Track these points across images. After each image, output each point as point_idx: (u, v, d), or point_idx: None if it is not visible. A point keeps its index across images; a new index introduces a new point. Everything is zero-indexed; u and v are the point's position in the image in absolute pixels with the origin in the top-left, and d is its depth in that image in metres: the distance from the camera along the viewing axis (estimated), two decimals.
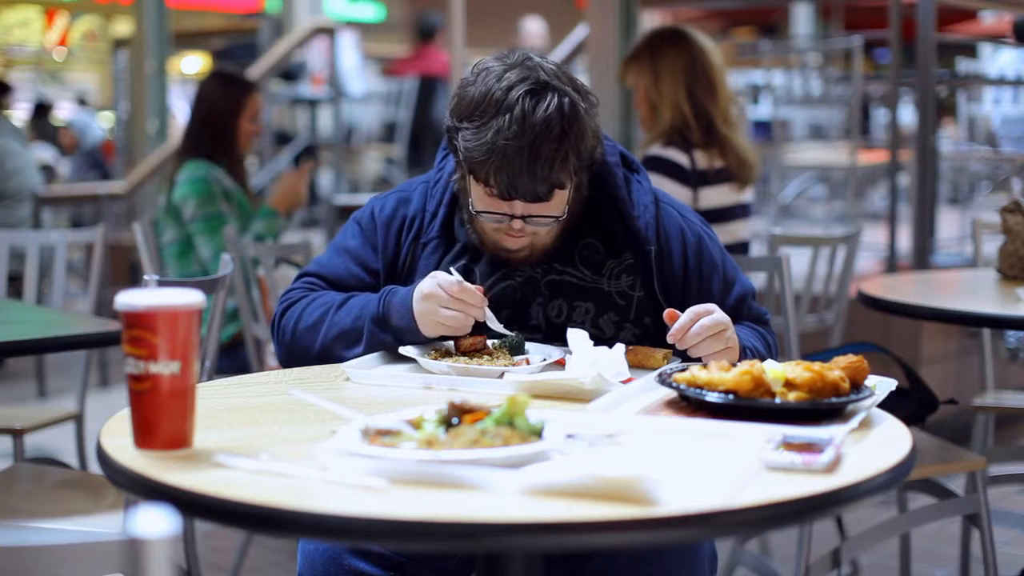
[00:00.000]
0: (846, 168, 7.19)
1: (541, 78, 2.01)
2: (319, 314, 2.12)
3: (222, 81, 4.28)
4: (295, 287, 2.21)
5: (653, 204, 2.17)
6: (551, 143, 1.98)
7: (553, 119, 1.98)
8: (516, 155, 1.97)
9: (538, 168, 1.98)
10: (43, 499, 2.61)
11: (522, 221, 2.05)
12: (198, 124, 4.20)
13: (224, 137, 4.16)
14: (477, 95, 2.02)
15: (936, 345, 4.74)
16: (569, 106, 2.00)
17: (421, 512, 1.28)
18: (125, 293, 1.49)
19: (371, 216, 2.23)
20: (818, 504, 1.37)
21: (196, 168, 4.08)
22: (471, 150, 2.00)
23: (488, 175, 2.01)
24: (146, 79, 7.64)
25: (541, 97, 1.99)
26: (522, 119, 1.97)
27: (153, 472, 1.41)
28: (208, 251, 3.97)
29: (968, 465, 2.86)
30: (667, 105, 3.54)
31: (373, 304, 2.08)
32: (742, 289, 2.19)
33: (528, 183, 1.99)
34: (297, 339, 2.13)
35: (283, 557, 3.63)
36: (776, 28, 14.31)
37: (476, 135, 2.00)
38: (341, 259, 2.21)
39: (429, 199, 2.21)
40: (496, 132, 1.97)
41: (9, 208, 5.97)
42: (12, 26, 16.31)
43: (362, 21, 14.90)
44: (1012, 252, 3.26)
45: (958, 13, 9.40)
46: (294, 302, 2.16)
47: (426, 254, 2.18)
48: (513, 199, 2.03)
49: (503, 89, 2.00)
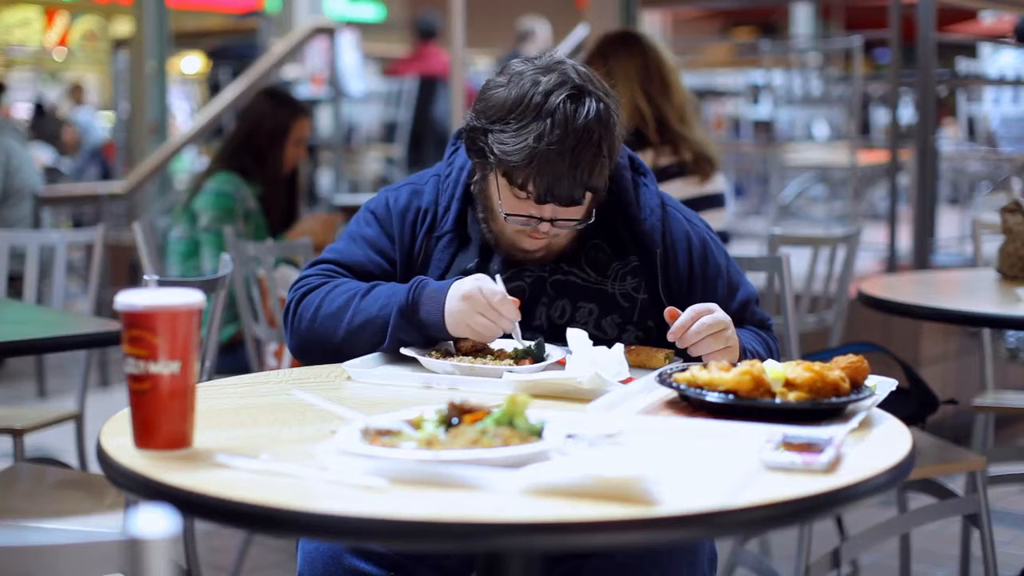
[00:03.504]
0: (846, 168, 7.19)
1: (578, 83, 2.02)
2: (343, 300, 2.07)
3: (273, 100, 4.27)
4: (311, 273, 2.15)
5: (660, 208, 2.18)
6: (591, 148, 1.98)
7: (592, 124, 1.99)
8: (558, 160, 1.97)
9: (578, 173, 1.98)
10: (43, 499, 2.61)
11: (549, 224, 2.05)
12: (241, 138, 4.20)
13: (265, 157, 4.15)
14: (513, 98, 2.01)
15: (936, 345, 4.74)
16: (605, 111, 2.01)
17: (421, 512, 1.28)
18: (125, 293, 1.49)
19: (386, 206, 2.20)
20: (818, 504, 1.37)
21: (226, 182, 4.08)
22: (509, 153, 1.99)
23: (527, 180, 2.00)
24: (146, 79, 7.64)
25: (580, 103, 2.00)
26: (564, 124, 1.97)
27: (153, 472, 1.41)
28: (212, 264, 3.98)
29: (968, 465, 2.86)
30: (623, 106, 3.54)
31: (401, 294, 2.03)
32: (746, 294, 2.19)
33: (567, 188, 2.00)
34: (317, 326, 2.07)
35: (283, 557, 3.63)
36: (776, 28, 14.32)
37: (515, 138, 1.98)
38: (360, 247, 2.17)
39: (441, 193, 2.20)
40: (538, 137, 1.97)
41: (12, 207, 5.97)
42: (12, 26, 16.31)
43: (362, 21, 14.91)
44: (1012, 252, 3.26)
45: (958, 13, 9.40)
46: (313, 288, 2.11)
47: (440, 248, 2.17)
48: (547, 203, 2.02)
49: (542, 93, 1.99)
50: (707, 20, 15.36)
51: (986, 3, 7.31)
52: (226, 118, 7.16)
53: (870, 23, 9.10)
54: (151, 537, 1.03)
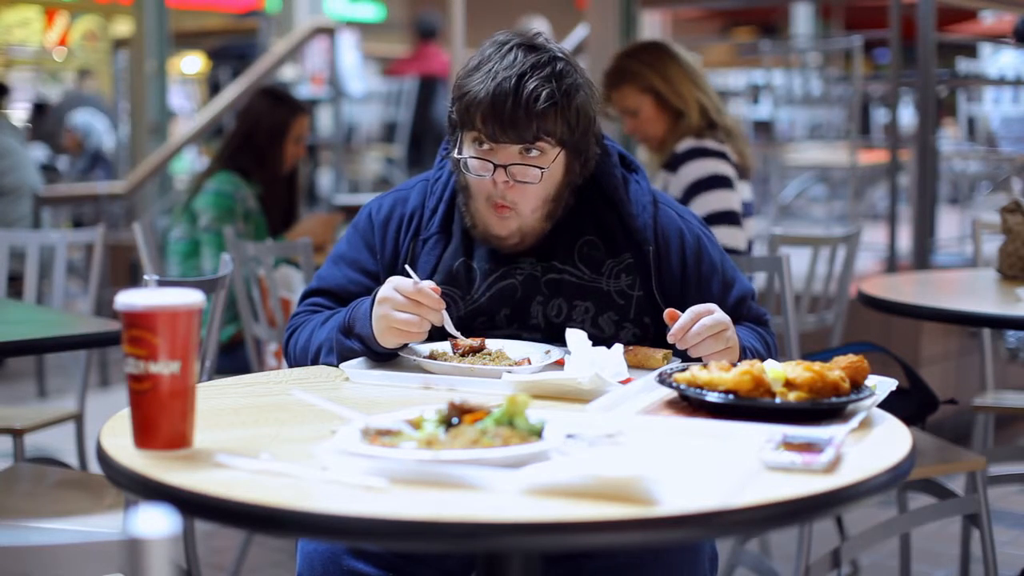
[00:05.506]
0: (846, 168, 7.19)
1: (540, 42, 2.07)
2: (308, 333, 2.14)
3: (271, 99, 4.28)
4: (298, 312, 2.22)
5: (651, 204, 2.18)
6: (539, 80, 2.01)
7: (544, 63, 2.03)
8: (504, 86, 2.00)
9: (524, 101, 2.00)
10: (43, 499, 2.61)
11: (505, 174, 2.05)
12: (240, 138, 4.20)
13: (265, 156, 4.16)
14: (475, 60, 2.08)
15: (936, 345, 4.74)
16: (564, 66, 2.05)
17: (421, 512, 1.28)
18: (125, 293, 1.49)
19: (368, 217, 2.23)
20: (818, 504, 1.37)
21: (226, 182, 4.08)
22: (463, 94, 2.04)
23: (476, 114, 2.03)
24: (146, 79, 7.64)
25: (535, 50, 2.05)
26: (512, 60, 2.03)
27: (153, 472, 1.41)
28: (212, 264, 3.98)
29: (968, 465, 2.86)
30: (692, 106, 3.55)
31: (342, 313, 2.09)
32: (741, 290, 2.19)
33: (512, 117, 2.01)
34: (297, 364, 2.16)
35: (283, 557, 3.63)
36: (776, 28, 14.32)
37: (469, 81, 2.04)
38: (339, 268, 2.22)
39: (429, 196, 2.21)
40: (487, 71, 2.03)
41: (7, 204, 5.98)
42: (12, 26, 16.31)
43: (362, 21, 14.90)
44: (1012, 252, 3.26)
45: (958, 13, 9.40)
46: (295, 328, 2.19)
47: (426, 250, 2.17)
48: (500, 141, 2.03)
49: (498, 44, 2.07)
50: (707, 20, 15.36)
51: (986, 3, 7.30)
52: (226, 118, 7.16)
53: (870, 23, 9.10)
54: (151, 537, 1.03)
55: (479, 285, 2.14)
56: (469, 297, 2.14)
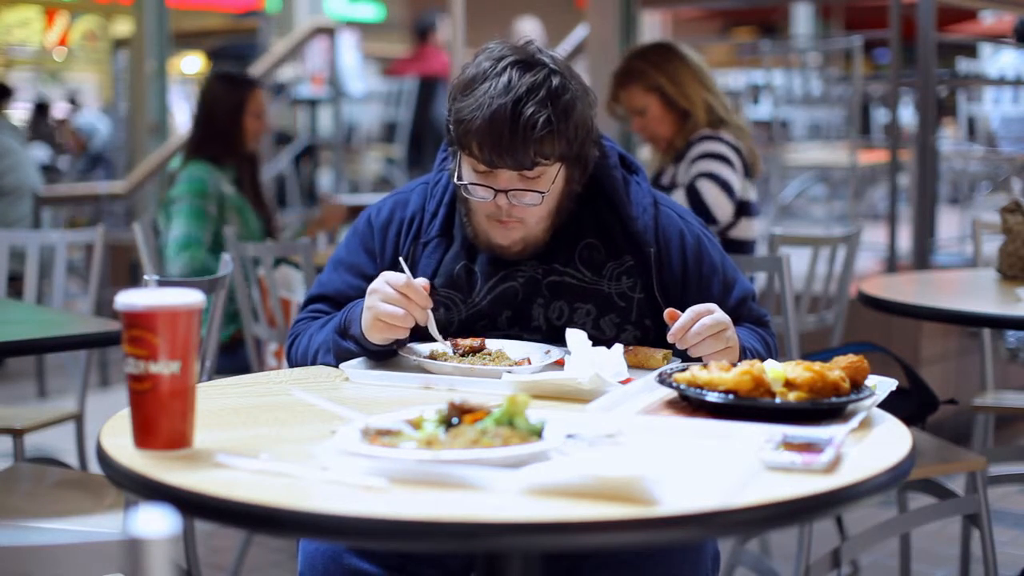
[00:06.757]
0: (846, 168, 7.19)
1: (535, 56, 2.05)
2: (307, 338, 2.15)
3: (223, 81, 4.32)
4: (300, 318, 2.22)
5: (652, 206, 2.17)
6: (535, 105, 1.99)
7: (540, 84, 2.01)
8: (500, 113, 1.98)
9: (520, 128, 1.98)
10: (43, 499, 2.61)
11: (507, 198, 2.05)
12: (202, 126, 4.23)
13: (229, 137, 4.18)
14: (470, 72, 2.06)
15: (936, 345, 4.74)
16: (559, 82, 2.03)
17: (421, 512, 1.28)
18: (125, 293, 1.49)
19: (368, 222, 2.23)
20: (818, 504, 1.37)
21: (197, 169, 4.11)
22: (461, 119, 2.02)
23: (473, 141, 2.02)
24: (146, 79, 7.64)
25: (530, 68, 2.03)
26: (508, 83, 2.00)
27: (153, 472, 1.41)
28: (179, 231, 3.99)
29: (968, 465, 2.86)
30: (698, 106, 3.57)
31: (339, 315, 2.10)
32: (742, 291, 2.18)
33: (510, 145, 1.99)
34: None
35: (283, 557, 3.63)
36: (776, 28, 14.31)
37: (465, 103, 2.02)
38: (338, 273, 2.22)
39: (429, 199, 2.21)
40: (483, 94, 2.00)
41: (7, 204, 5.98)
42: (12, 26, 16.31)
43: (362, 21, 14.90)
44: (1012, 252, 3.26)
45: (958, 13, 9.40)
46: (296, 335, 2.19)
47: (426, 254, 2.18)
48: (497, 167, 2.03)
49: (494, 59, 2.04)
50: (707, 20, 15.36)
51: (986, 3, 7.30)
52: None
53: (870, 23, 9.09)
54: (151, 537, 1.03)
55: (480, 288, 2.14)
56: (470, 300, 2.14)
